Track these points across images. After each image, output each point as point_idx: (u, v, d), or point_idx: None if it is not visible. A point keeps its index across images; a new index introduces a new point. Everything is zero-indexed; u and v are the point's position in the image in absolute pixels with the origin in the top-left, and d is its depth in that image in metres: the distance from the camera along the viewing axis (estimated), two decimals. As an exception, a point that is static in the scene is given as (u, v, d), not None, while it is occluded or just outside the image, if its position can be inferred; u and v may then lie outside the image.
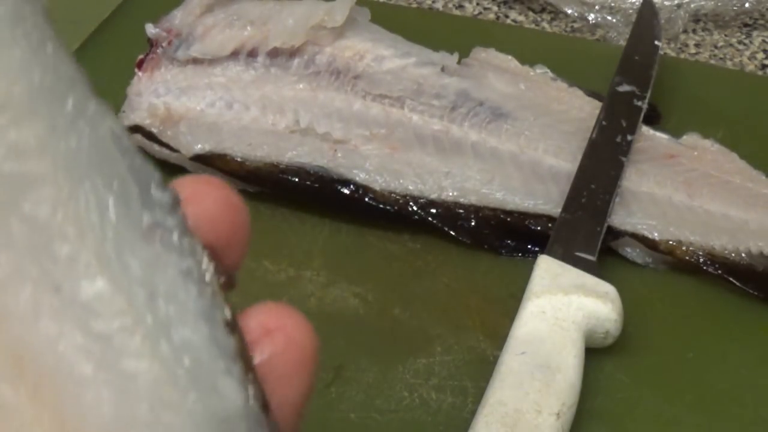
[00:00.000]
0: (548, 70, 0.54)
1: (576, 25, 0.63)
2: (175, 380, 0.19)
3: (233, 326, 0.20)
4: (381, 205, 0.49)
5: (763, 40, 0.62)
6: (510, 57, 0.54)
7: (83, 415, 0.19)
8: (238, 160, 0.49)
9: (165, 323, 0.19)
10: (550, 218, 0.48)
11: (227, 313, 0.20)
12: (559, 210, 0.48)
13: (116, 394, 0.19)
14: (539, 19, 0.64)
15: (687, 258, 0.47)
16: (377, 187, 0.49)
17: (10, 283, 0.19)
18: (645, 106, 0.52)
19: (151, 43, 0.54)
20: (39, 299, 0.19)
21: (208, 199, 0.21)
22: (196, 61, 0.53)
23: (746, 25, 0.63)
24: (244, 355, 0.19)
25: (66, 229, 0.19)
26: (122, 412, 0.19)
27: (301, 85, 0.52)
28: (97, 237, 0.19)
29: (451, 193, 0.49)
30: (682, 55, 0.61)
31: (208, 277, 0.20)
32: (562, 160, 0.50)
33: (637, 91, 0.52)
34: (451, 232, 0.48)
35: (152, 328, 0.19)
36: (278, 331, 0.20)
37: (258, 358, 0.20)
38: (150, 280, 0.19)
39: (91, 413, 0.19)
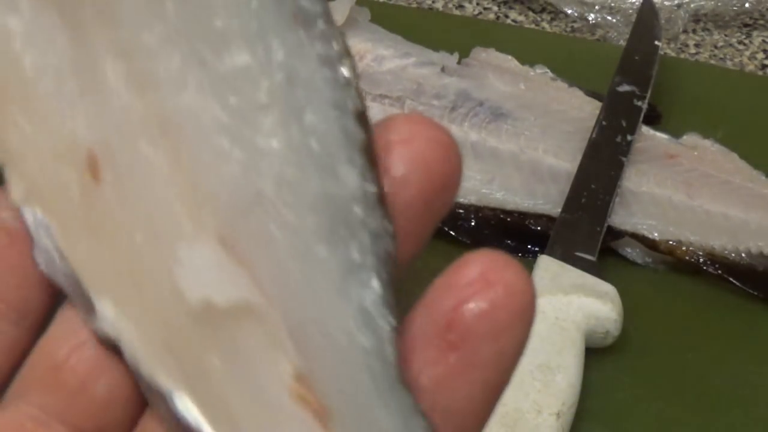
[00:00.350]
0: (548, 70, 0.54)
1: (576, 25, 0.63)
2: (300, 162, 0.20)
3: (364, 121, 0.20)
4: (381, 205, 0.48)
5: (763, 40, 0.62)
6: (510, 57, 0.54)
7: (213, 184, 0.20)
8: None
9: (299, 107, 0.20)
10: (550, 218, 0.48)
11: (360, 106, 0.20)
12: (559, 210, 0.48)
13: (246, 169, 0.20)
14: (539, 19, 0.64)
15: (687, 258, 0.47)
16: (377, 187, 0.49)
17: (161, 52, 0.20)
18: (645, 106, 0.52)
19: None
20: (186, 70, 0.20)
21: (420, 139, 0.20)
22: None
23: (746, 25, 0.63)
24: (369, 149, 0.20)
25: (216, 3, 0.20)
26: (250, 186, 0.20)
27: (301, 85, 0.52)
28: (245, 14, 0.20)
29: (451, 193, 0.49)
30: (682, 55, 0.61)
31: (346, 69, 0.20)
32: (562, 160, 0.50)
33: (637, 91, 0.52)
34: (451, 232, 0.48)
35: (286, 110, 0.20)
36: (499, 282, 0.20)
37: (478, 309, 0.20)
38: (290, 63, 0.20)
39: (221, 184, 0.20)
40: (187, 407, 0.21)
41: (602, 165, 0.49)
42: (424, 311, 0.21)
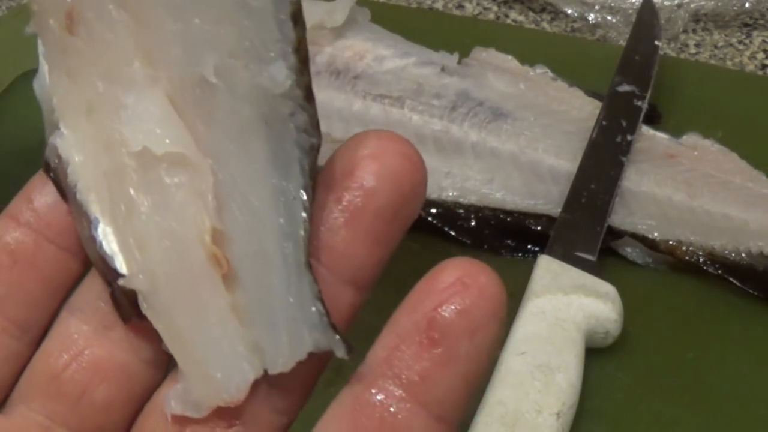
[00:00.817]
0: (548, 70, 0.54)
1: (576, 25, 0.63)
2: (238, 45, 0.22)
3: (298, 21, 0.22)
4: (381, 205, 0.48)
5: (763, 40, 0.62)
6: (510, 57, 0.54)
7: (167, 57, 0.23)
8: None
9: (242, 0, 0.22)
10: (550, 218, 0.48)
11: (296, 7, 0.22)
12: (559, 210, 0.48)
13: (192, 51, 0.23)
14: (539, 19, 0.64)
15: (687, 258, 0.47)
16: (377, 187, 0.49)
17: None
18: (645, 106, 0.52)
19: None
20: None
21: (390, 155, 0.23)
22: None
23: (746, 25, 0.63)
24: (301, 49, 0.22)
25: None
26: (195, 67, 0.23)
27: (301, 85, 0.52)
28: None
29: (451, 193, 0.49)
30: (682, 55, 0.61)
31: None
32: (562, 160, 0.50)
33: (637, 91, 0.52)
34: (451, 232, 0.48)
35: (231, 3, 0.22)
36: (473, 285, 0.22)
37: (456, 309, 0.22)
38: None
39: (173, 59, 0.23)
40: (107, 238, 0.24)
41: (602, 165, 0.49)
42: (407, 313, 0.23)
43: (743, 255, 0.47)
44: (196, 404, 0.23)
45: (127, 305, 0.24)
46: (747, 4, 0.62)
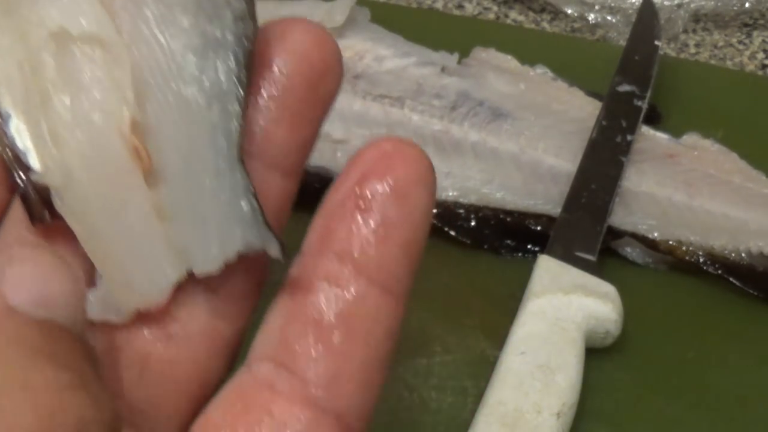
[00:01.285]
0: (548, 70, 0.54)
1: (576, 25, 0.63)
2: None
3: None
4: (381, 205, 0.48)
5: (763, 40, 0.62)
6: (510, 57, 0.54)
7: None
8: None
9: None
10: (550, 218, 0.48)
11: None
12: (559, 210, 0.48)
13: None
14: (539, 19, 0.64)
15: (687, 258, 0.47)
16: (377, 187, 0.48)
17: None
18: (645, 106, 0.52)
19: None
20: None
21: (299, 34, 0.23)
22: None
23: (746, 25, 0.63)
24: None
25: None
26: None
27: (301, 85, 0.52)
28: None
29: (451, 193, 0.49)
30: (682, 55, 0.61)
31: None
32: (562, 160, 0.50)
33: (637, 91, 0.52)
34: (451, 232, 0.48)
35: None
36: (396, 154, 0.22)
37: (380, 176, 0.22)
38: None
39: None
40: (20, 133, 0.22)
41: (602, 165, 0.49)
42: (336, 189, 0.23)
43: (743, 255, 0.47)
44: (117, 309, 0.22)
45: (38, 204, 0.22)
46: (747, 4, 0.62)
